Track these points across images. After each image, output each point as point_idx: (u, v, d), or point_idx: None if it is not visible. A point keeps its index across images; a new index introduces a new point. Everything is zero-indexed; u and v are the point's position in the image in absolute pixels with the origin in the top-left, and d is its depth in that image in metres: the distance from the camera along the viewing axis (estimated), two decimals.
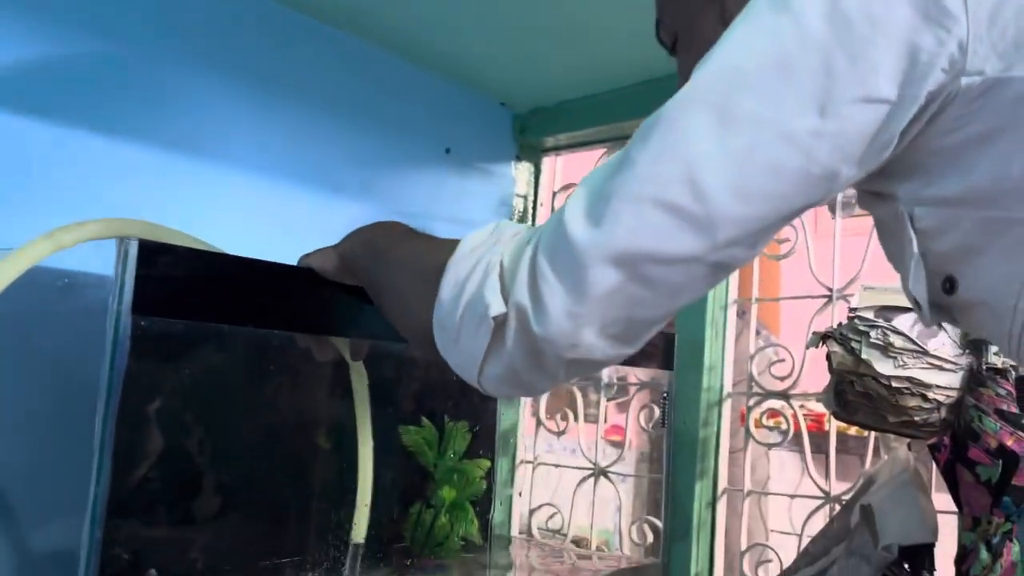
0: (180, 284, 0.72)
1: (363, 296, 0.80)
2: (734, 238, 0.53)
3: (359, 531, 1.03)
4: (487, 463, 1.30)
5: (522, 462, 1.58)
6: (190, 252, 0.73)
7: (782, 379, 1.32)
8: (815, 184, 0.52)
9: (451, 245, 0.66)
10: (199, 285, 0.73)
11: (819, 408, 1.26)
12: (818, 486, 1.27)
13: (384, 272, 0.75)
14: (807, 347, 1.21)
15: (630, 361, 1.28)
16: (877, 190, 0.56)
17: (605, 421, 1.56)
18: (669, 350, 1.33)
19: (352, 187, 1.27)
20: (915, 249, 0.54)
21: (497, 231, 0.64)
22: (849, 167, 0.51)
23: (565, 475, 1.67)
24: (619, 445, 1.50)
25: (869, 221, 0.62)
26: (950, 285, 0.53)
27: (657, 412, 1.38)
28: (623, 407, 1.50)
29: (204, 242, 0.83)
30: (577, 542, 1.50)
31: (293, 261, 0.83)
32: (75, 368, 0.73)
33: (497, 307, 0.59)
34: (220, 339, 0.92)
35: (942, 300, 0.55)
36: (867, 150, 0.51)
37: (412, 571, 1.20)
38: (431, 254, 0.67)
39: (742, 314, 1.43)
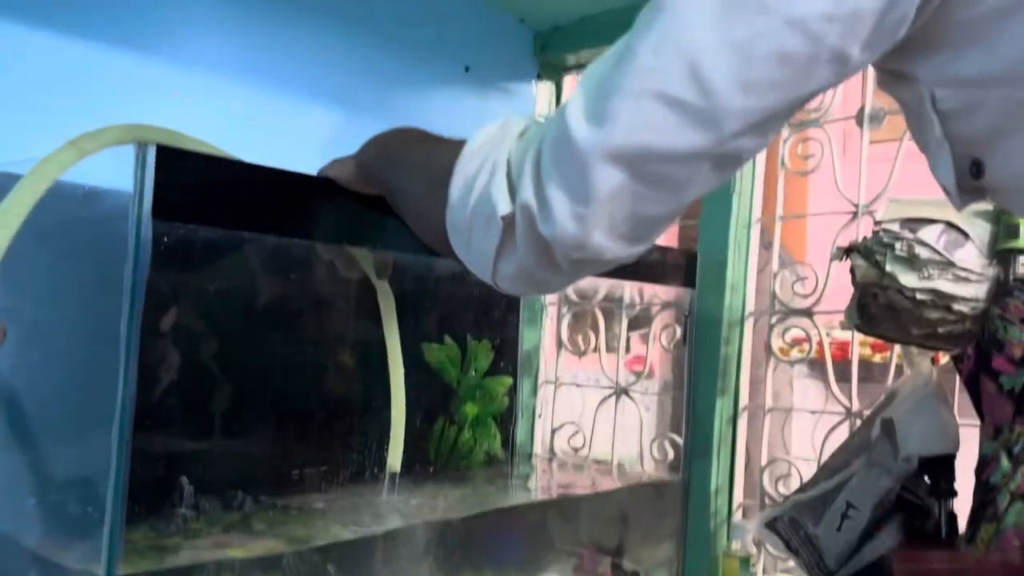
0: (199, 190, 0.72)
1: (383, 206, 0.80)
2: (740, 130, 0.51)
3: (395, 460, 1.04)
4: (509, 380, 1.31)
5: (544, 382, 1.59)
6: (208, 158, 0.73)
7: (805, 297, 1.31)
8: (824, 70, 0.50)
9: (461, 145, 0.65)
10: (218, 191, 0.73)
11: (843, 335, 1.26)
12: (840, 403, 1.27)
13: (398, 176, 0.75)
14: (831, 260, 1.19)
15: (652, 279, 1.28)
16: (896, 69, 0.54)
17: (628, 346, 1.56)
18: (691, 269, 1.33)
19: (370, 106, 1.26)
20: (937, 132, 0.52)
21: (504, 127, 0.63)
22: (861, 50, 0.49)
23: (587, 397, 1.68)
24: (641, 375, 1.51)
25: (895, 148, 0.61)
26: (977, 169, 0.52)
27: (679, 332, 1.38)
28: (645, 338, 1.49)
29: (224, 151, 0.83)
30: (599, 461, 1.52)
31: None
32: (101, 277, 0.74)
33: (504, 207, 0.59)
34: (244, 251, 0.93)
35: (970, 184, 0.53)
36: (880, 30, 0.49)
37: (436, 483, 1.22)
38: (443, 155, 0.66)
39: (768, 244, 1.41)
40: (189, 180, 0.71)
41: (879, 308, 1.07)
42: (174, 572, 0.84)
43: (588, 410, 1.58)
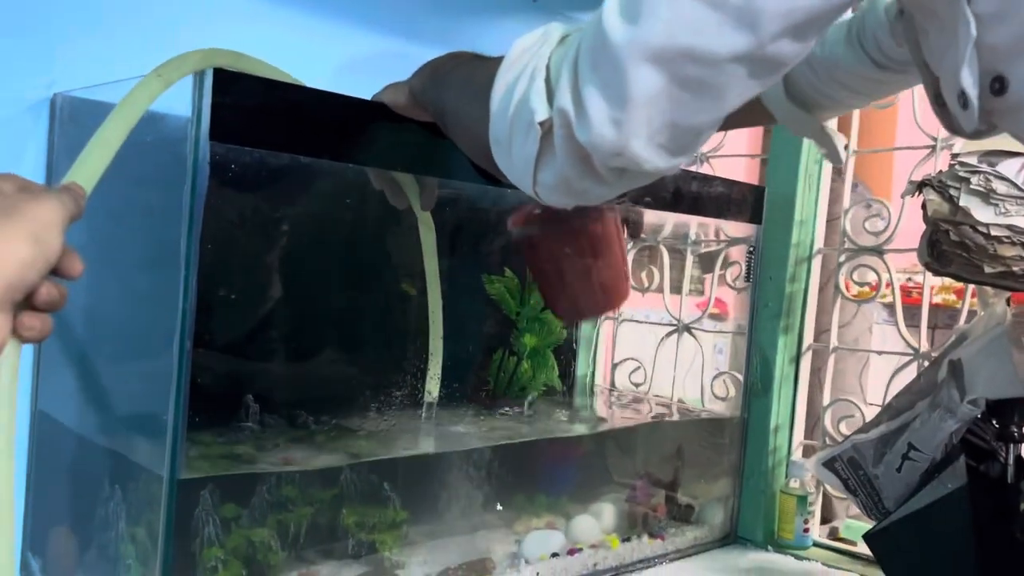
0: (255, 113, 0.74)
1: (435, 132, 0.80)
2: (780, 32, 0.49)
3: (433, 388, 1.06)
4: None
5: (607, 317, 1.59)
6: (265, 82, 0.75)
7: (876, 234, 1.27)
8: None
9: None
10: (274, 114, 0.75)
11: (915, 279, 1.22)
12: (907, 343, 1.24)
13: (446, 96, 0.75)
14: (902, 196, 1.15)
15: (716, 214, 1.25)
16: None
17: (692, 281, 1.54)
18: (758, 204, 1.30)
19: (431, 35, 1.25)
20: (972, 31, 0.49)
21: (546, 33, 0.62)
22: None
23: (652, 334, 1.68)
24: (705, 312, 1.49)
25: None
26: (1000, 85, 0.50)
27: (744, 269, 1.36)
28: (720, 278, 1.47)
29: (288, 75, 0.84)
30: (659, 397, 1.52)
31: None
32: (164, 197, 0.77)
33: (542, 112, 0.58)
34: (300, 176, 0.94)
35: (989, 104, 0.51)
36: None
37: (495, 412, 1.24)
38: (487, 68, 0.66)
39: (842, 179, 1.36)
40: (245, 103, 0.73)
41: (951, 245, 1.03)
42: (239, 478, 0.89)
43: (650, 346, 1.58)
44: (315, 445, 1.00)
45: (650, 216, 1.51)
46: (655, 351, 1.54)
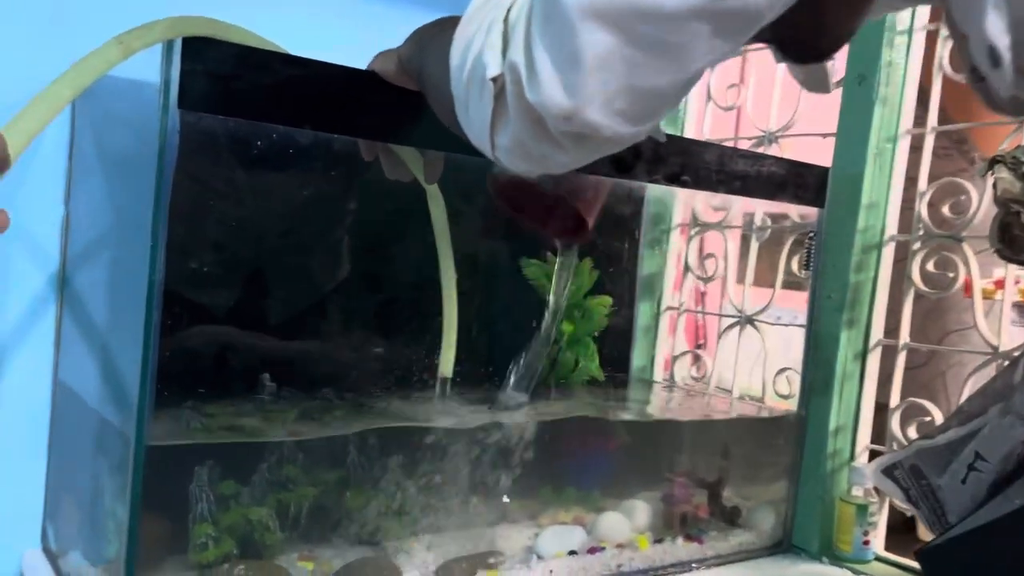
0: (227, 80, 0.72)
1: (425, 102, 0.76)
2: None
3: (446, 366, 1.02)
4: (609, 300, 1.25)
5: (667, 309, 1.52)
6: (238, 48, 0.72)
7: (955, 219, 1.15)
8: None
9: None
10: (248, 82, 0.72)
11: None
12: (985, 340, 1.11)
13: (425, 61, 0.71)
14: (978, 175, 1.03)
15: (769, 196, 1.16)
16: None
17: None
18: (821, 185, 1.19)
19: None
20: None
21: None
22: None
23: (715, 326, 1.59)
24: (769, 303, 1.39)
25: None
26: None
27: (803, 256, 1.26)
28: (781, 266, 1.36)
29: (271, 42, 0.82)
30: (721, 391, 1.43)
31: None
32: (143, 168, 0.76)
33: (494, 68, 0.54)
34: (282, 146, 0.92)
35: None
36: None
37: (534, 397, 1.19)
38: (455, 27, 0.62)
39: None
40: (217, 70, 0.71)
41: (1022, 228, 0.91)
42: (241, 455, 0.89)
43: (715, 339, 1.49)
44: (325, 422, 0.98)
45: (714, 199, 1.43)
46: (716, 344, 1.45)
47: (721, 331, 1.43)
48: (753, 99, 1.40)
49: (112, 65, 0.72)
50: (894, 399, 1.20)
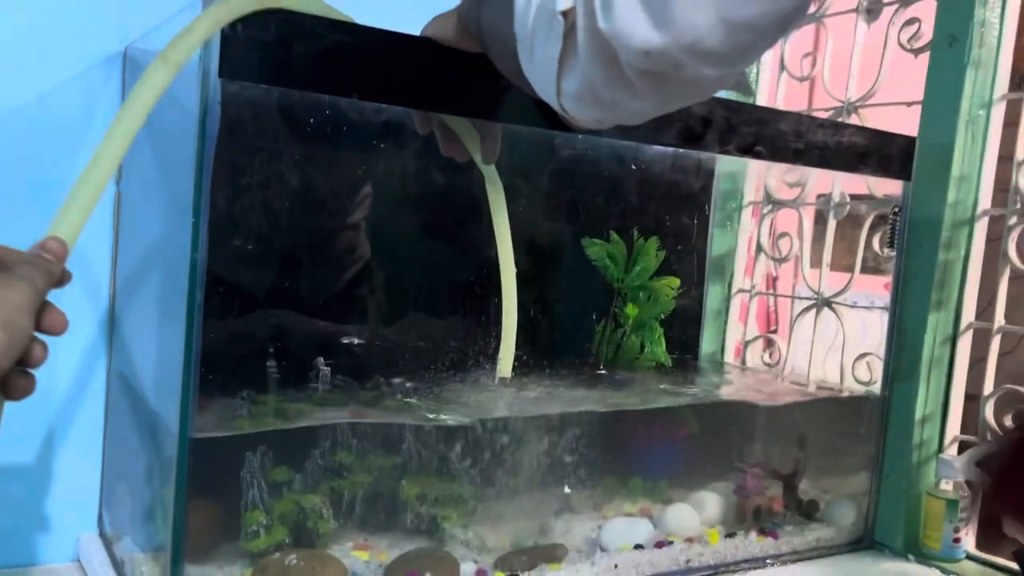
0: (271, 48, 0.68)
1: (488, 68, 0.71)
2: None
3: (505, 367, 0.97)
4: (676, 282, 1.19)
5: (739, 291, 1.44)
6: (279, 13, 0.68)
7: None
8: None
9: None
10: (292, 49, 0.69)
11: None
12: None
13: (484, 11, 0.66)
14: None
15: (850, 169, 1.08)
16: None
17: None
18: (907, 156, 1.11)
19: None
20: None
21: None
22: None
23: (792, 309, 1.51)
24: (848, 285, 1.31)
25: None
26: None
27: (888, 234, 1.17)
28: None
29: (333, 8, 0.77)
30: (796, 377, 1.36)
31: None
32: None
33: (565, 0, 0.50)
34: (335, 120, 0.88)
35: None
36: None
37: (596, 383, 1.14)
38: None
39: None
40: (259, 37, 0.67)
41: None
42: (293, 442, 0.86)
43: (787, 325, 1.42)
44: (380, 408, 0.95)
45: (788, 175, 1.35)
46: (790, 328, 1.38)
47: (795, 316, 1.36)
48: (830, 68, 1.31)
49: (163, 89, 0.65)
50: (987, 386, 1.12)
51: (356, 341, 1.02)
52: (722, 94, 1.37)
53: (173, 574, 0.70)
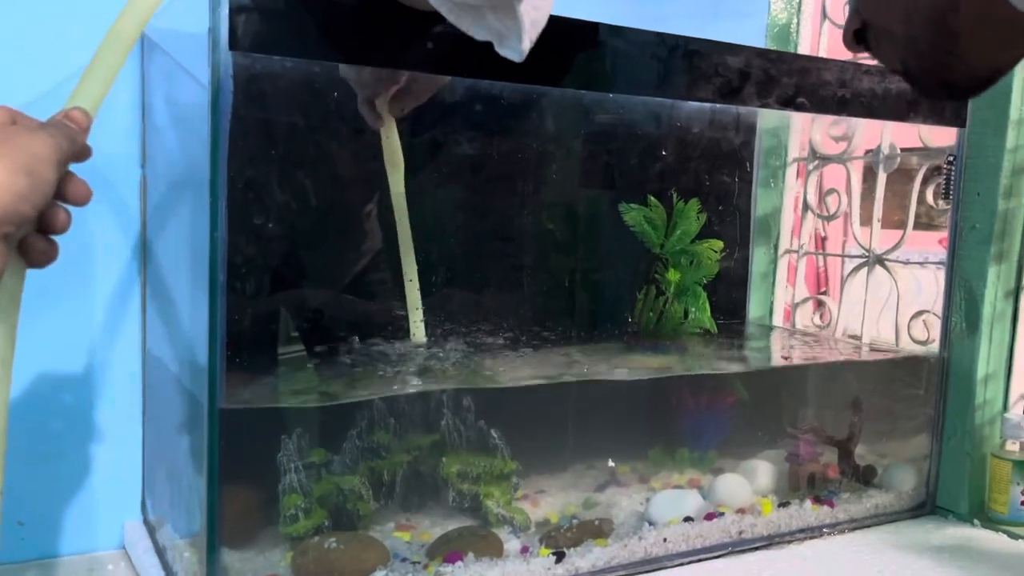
0: (280, 17, 0.65)
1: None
2: None
3: (416, 331, 0.93)
4: (719, 244, 1.15)
5: (786, 252, 1.39)
6: None
7: None
8: None
9: None
10: (301, 18, 0.66)
11: None
12: None
13: None
14: None
15: (899, 117, 1.03)
16: None
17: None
18: (961, 101, 1.05)
19: None
20: None
21: None
22: None
23: (842, 268, 1.46)
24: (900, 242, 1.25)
25: None
26: None
27: (943, 184, 1.11)
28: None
29: None
30: (852, 337, 1.31)
31: None
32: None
33: None
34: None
35: None
36: None
37: (639, 350, 1.11)
38: None
39: None
40: (268, 5, 0.65)
41: None
42: (328, 422, 0.84)
43: (838, 286, 1.36)
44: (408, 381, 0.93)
45: (834, 128, 1.29)
46: (841, 287, 1.32)
47: (846, 275, 1.30)
48: None
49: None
50: None
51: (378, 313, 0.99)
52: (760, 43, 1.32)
53: (209, 560, 0.69)
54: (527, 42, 0.60)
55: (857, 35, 0.56)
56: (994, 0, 0.45)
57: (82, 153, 0.56)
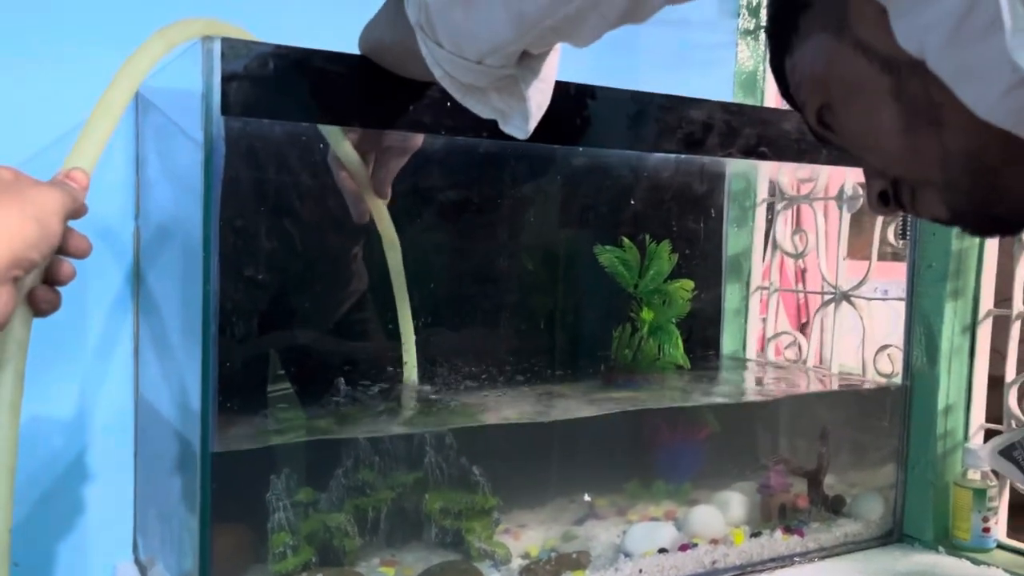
0: (270, 82, 0.70)
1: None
2: None
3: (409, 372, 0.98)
4: (690, 284, 1.19)
5: (757, 288, 1.44)
6: (275, 48, 0.70)
7: None
8: None
9: None
10: (289, 83, 0.71)
11: None
12: None
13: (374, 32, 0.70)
14: None
15: (859, 164, 1.08)
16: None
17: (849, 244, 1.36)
18: None
19: None
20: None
21: None
22: None
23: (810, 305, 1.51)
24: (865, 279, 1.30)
25: None
26: None
27: (899, 224, 1.17)
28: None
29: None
30: (819, 370, 1.35)
31: None
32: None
33: None
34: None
35: None
36: None
37: (618, 386, 1.15)
38: None
39: None
40: (259, 72, 0.70)
41: None
42: (317, 462, 0.88)
43: (813, 318, 1.41)
44: (404, 423, 0.96)
45: (800, 171, 1.35)
46: (811, 323, 1.37)
47: (814, 311, 1.35)
48: None
49: (157, 59, 0.71)
50: (1010, 373, 1.11)
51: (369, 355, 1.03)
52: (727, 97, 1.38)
53: None
54: (532, 123, 0.63)
55: (882, 196, 0.55)
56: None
57: (80, 210, 0.60)
